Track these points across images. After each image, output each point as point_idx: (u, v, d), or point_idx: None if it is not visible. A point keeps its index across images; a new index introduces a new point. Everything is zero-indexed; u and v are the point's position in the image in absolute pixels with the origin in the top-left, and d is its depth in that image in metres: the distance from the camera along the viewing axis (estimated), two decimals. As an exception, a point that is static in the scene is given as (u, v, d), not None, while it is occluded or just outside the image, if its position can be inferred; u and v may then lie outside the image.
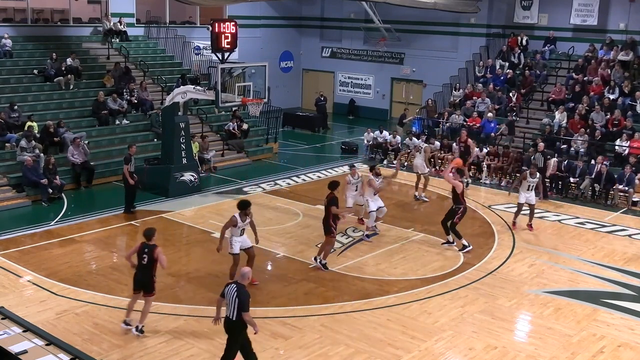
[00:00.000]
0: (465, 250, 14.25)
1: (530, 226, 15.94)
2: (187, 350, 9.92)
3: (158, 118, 21.20)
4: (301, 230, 15.67)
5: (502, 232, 15.81)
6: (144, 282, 10.25)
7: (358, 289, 12.34)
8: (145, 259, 10.21)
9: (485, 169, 20.52)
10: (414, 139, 21.94)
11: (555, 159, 19.33)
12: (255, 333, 8.90)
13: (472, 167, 21.09)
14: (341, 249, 14.43)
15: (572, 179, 19.09)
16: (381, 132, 23.48)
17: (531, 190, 15.86)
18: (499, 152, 20.92)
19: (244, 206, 11.83)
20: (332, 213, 12.80)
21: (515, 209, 16.42)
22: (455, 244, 14.59)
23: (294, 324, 10.84)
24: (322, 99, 30.03)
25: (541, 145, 19.52)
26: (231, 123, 23.23)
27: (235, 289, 8.63)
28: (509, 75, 25.31)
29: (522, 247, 14.76)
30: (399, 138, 23.15)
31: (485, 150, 21.13)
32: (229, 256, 13.63)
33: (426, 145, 19.44)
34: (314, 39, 33.61)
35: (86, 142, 19.36)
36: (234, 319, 8.61)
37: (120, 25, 25.10)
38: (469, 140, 19.95)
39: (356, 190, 15.47)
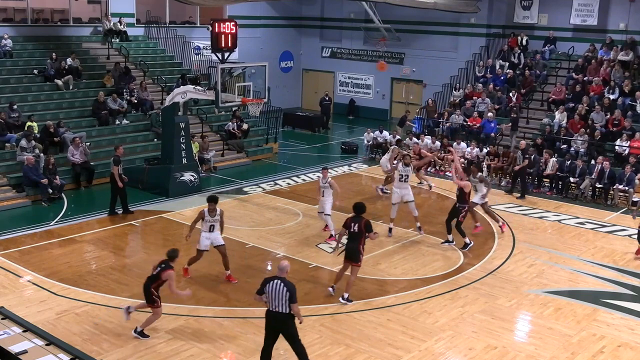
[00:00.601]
0: (467, 249, 14.25)
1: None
2: (187, 350, 9.92)
3: (158, 118, 21.20)
4: (301, 230, 15.67)
5: (502, 232, 15.79)
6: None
7: (358, 289, 12.32)
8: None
9: (485, 168, 20.49)
10: (414, 138, 22.00)
11: (554, 159, 19.34)
12: (300, 322, 9.03)
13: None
14: (341, 249, 14.38)
15: (572, 179, 19.08)
16: (381, 132, 23.51)
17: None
18: (499, 152, 20.93)
19: (210, 200, 12.24)
20: (364, 239, 11.66)
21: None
22: (454, 243, 14.59)
23: (294, 324, 10.82)
24: (327, 98, 30.10)
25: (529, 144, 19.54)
26: (231, 123, 23.24)
27: (282, 283, 8.81)
28: (509, 75, 25.30)
29: (522, 247, 14.76)
30: (399, 138, 23.12)
31: (485, 150, 21.14)
32: (230, 257, 13.61)
33: (395, 146, 18.95)
34: (314, 39, 33.61)
35: (87, 143, 19.37)
36: (286, 312, 8.77)
37: (120, 25, 25.09)
38: (422, 150, 20.21)
39: (323, 195, 14.71)
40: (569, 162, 19.25)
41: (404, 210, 17.84)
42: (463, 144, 21.53)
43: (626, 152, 19.81)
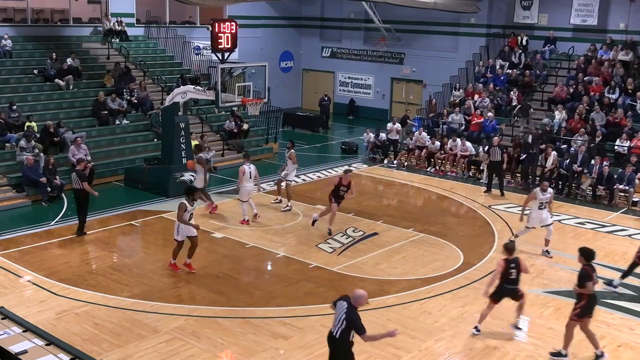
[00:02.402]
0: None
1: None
2: (187, 350, 9.92)
3: (158, 118, 21.20)
4: (301, 230, 15.66)
5: (502, 232, 15.80)
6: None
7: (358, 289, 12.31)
8: (514, 274, 10.31)
9: (485, 169, 20.50)
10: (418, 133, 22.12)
11: (555, 153, 19.33)
12: (394, 336, 8.26)
13: (473, 167, 21.10)
14: (341, 249, 14.42)
15: (572, 179, 19.10)
16: (377, 136, 23.28)
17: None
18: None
19: (190, 192, 12.83)
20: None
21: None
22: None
23: (294, 324, 10.84)
24: (326, 99, 30.10)
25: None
26: (228, 122, 23.23)
27: (346, 308, 7.97)
28: (511, 76, 25.28)
29: (522, 247, 14.72)
30: (399, 125, 23.07)
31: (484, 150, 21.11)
32: (229, 257, 13.70)
33: (292, 151, 17.60)
34: (314, 39, 33.61)
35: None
36: (337, 336, 7.97)
37: (119, 25, 25.08)
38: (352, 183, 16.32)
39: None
40: (567, 161, 19.26)
41: (403, 209, 17.88)
42: (458, 140, 21.44)
43: (626, 151, 19.78)
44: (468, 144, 21.34)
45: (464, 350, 10.17)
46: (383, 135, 23.18)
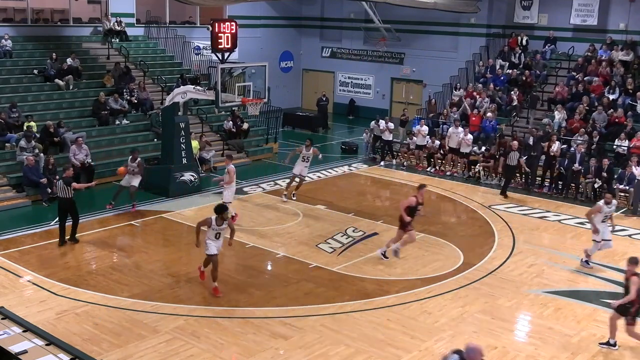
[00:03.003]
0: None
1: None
2: (187, 351, 9.92)
3: (158, 118, 21.20)
4: (301, 230, 15.66)
5: (502, 232, 15.80)
6: None
7: (358, 289, 12.33)
8: None
9: (480, 170, 20.47)
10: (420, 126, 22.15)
11: (559, 142, 19.32)
12: None
13: (472, 167, 21.09)
14: (341, 249, 14.42)
15: (572, 179, 19.10)
16: (377, 122, 23.05)
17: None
18: (495, 155, 20.71)
19: (220, 211, 11.71)
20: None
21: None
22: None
23: (294, 324, 10.84)
24: (324, 99, 30.08)
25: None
26: (227, 121, 23.22)
27: None
28: (512, 76, 25.28)
29: (522, 247, 14.76)
30: (392, 125, 22.87)
31: (483, 149, 21.09)
32: (230, 257, 13.68)
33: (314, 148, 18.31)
34: (314, 39, 33.60)
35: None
36: None
37: (119, 25, 25.07)
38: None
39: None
40: (567, 161, 19.25)
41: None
42: (461, 129, 21.33)
43: (626, 151, 19.77)
44: (470, 136, 21.25)
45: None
46: (382, 122, 22.93)
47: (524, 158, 19.37)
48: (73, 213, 14.31)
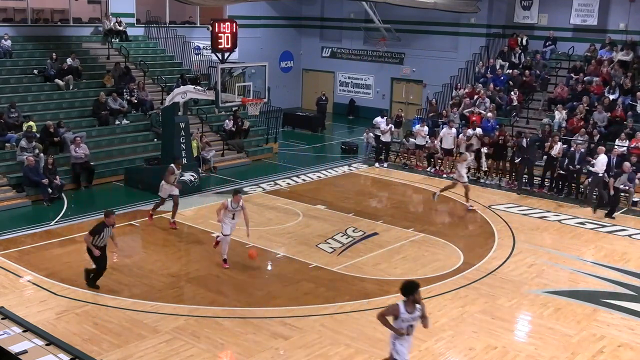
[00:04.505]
0: None
1: None
2: (187, 351, 9.92)
3: (158, 118, 21.20)
4: (301, 230, 15.66)
5: (502, 232, 15.80)
6: None
7: (358, 289, 12.33)
8: None
9: (484, 160, 20.37)
10: (411, 139, 22.03)
11: (561, 143, 19.31)
12: None
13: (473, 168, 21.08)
14: (341, 249, 14.42)
15: (571, 179, 19.09)
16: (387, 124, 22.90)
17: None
18: (499, 141, 20.61)
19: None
20: None
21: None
22: None
23: (294, 324, 10.84)
24: (324, 98, 30.08)
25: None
26: (228, 121, 23.21)
27: None
28: (513, 75, 25.27)
29: (522, 247, 14.76)
30: (392, 126, 22.81)
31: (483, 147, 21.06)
32: (230, 257, 13.65)
33: (466, 153, 18.47)
34: (314, 39, 33.61)
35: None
36: None
37: (119, 25, 25.07)
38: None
39: (233, 218, 13.17)
40: (567, 161, 19.24)
41: (403, 209, 17.87)
42: (453, 130, 21.31)
43: (625, 151, 19.75)
44: (453, 130, 21.23)
45: (464, 350, 10.17)
46: (372, 136, 22.96)
47: (518, 160, 19.36)
48: (104, 260, 12.13)
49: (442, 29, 29.09)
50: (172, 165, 15.61)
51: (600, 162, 17.85)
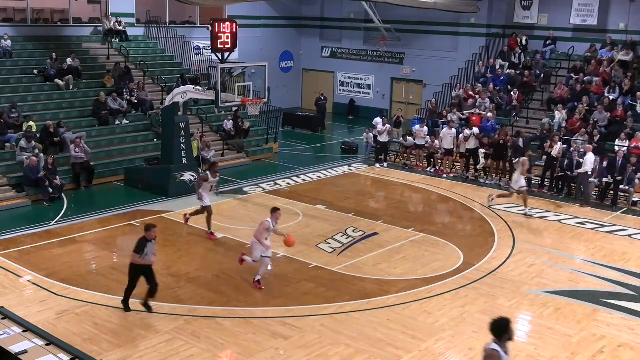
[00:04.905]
0: None
1: None
2: (187, 351, 9.92)
3: (158, 118, 21.20)
4: (301, 230, 15.64)
5: (502, 232, 15.80)
6: None
7: (358, 289, 12.33)
8: None
9: (482, 159, 20.38)
10: (409, 138, 22.00)
11: (561, 142, 19.32)
12: None
13: (472, 168, 21.08)
14: (341, 249, 14.42)
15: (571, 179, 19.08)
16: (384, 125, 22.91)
17: None
18: (499, 142, 20.62)
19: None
20: None
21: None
22: None
23: (294, 324, 10.83)
24: (323, 98, 30.08)
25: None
26: (226, 121, 23.21)
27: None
28: (512, 75, 25.26)
29: (522, 247, 14.76)
30: (389, 126, 22.77)
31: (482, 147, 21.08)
32: (230, 257, 13.67)
33: (524, 158, 17.97)
34: (314, 39, 33.61)
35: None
36: None
37: (119, 25, 25.08)
38: None
39: (266, 239, 12.36)
40: (567, 162, 19.24)
41: (403, 209, 17.88)
42: (453, 130, 21.25)
43: (625, 150, 19.75)
44: (453, 130, 21.23)
45: (464, 350, 10.17)
46: (371, 136, 23.00)
47: (515, 160, 19.31)
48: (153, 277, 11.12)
49: (442, 29, 29.10)
50: (208, 172, 15.08)
51: (589, 161, 17.93)
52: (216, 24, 18.84)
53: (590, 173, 18.04)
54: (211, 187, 15.08)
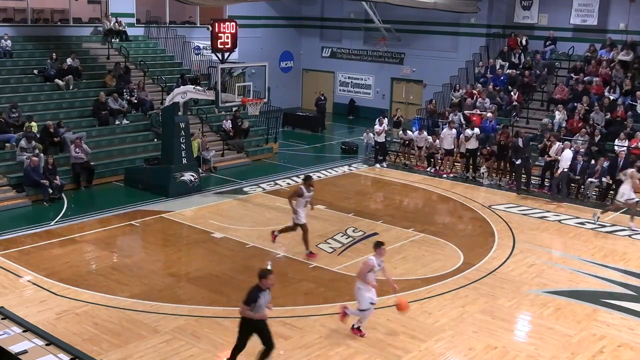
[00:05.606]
0: None
1: None
2: (187, 351, 9.92)
3: (158, 118, 21.21)
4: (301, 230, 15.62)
5: (502, 232, 15.80)
6: None
7: (358, 289, 12.31)
8: None
9: (483, 168, 20.41)
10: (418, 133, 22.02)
11: (559, 143, 19.31)
12: None
13: (471, 167, 21.08)
14: (341, 249, 14.42)
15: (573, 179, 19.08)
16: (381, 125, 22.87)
17: None
18: (495, 151, 20.66)
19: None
20: None
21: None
22: None
23: (294, 324, 10.83)
24: (323, 98, 30.08)
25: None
26: (225, 121, 23.19)
27: None
28: (512, 75, 25.25)
29: (522, 247, 14.76)
30: (386, 126, 22.69)
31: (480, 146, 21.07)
32: (230, 257, 13.67)
33: (632, 169, 16.55)
34: (314, 39, 33.61)
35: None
36: None
37: (119, 25, 25.07)
38: None
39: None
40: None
41: (403, 209, 17.88)
42: (453, 130, 21.19)
43: (625, 150, 19.75)
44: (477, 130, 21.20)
45: (464, 350, 10.17)
46: (371, 136, 22.95)
47: (518, 162, 19.30)
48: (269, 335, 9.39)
49: (442, 29, 29.10)
50: (302, 187, 13.60)
51: (565, 158, 18.02)
52: (216, 24, 18.83)
53: (566, 170, 18.22)
54: (306, 203, 13.60)
